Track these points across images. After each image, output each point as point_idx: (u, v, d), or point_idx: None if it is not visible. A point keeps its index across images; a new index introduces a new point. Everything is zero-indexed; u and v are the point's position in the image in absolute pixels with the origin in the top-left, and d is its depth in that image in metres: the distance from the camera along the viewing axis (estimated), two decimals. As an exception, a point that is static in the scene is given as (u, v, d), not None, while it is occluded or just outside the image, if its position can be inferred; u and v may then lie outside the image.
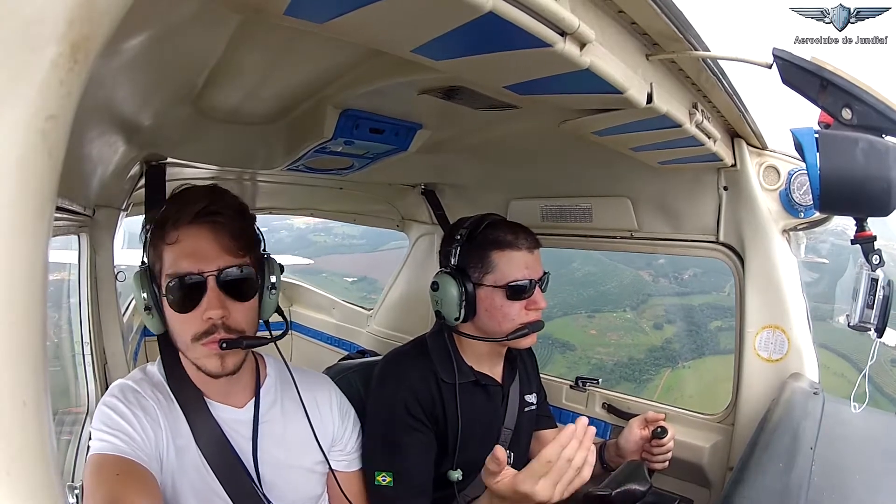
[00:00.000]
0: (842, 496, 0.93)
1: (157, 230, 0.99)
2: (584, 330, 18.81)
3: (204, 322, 0.96)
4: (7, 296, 0.24)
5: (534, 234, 1.40)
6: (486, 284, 1.34)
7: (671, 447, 1.38)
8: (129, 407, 0.98)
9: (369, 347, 2.84)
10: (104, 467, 0.91)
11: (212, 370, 0.99)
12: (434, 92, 1.03)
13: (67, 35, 0.24)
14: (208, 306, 0.96)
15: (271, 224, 3.37)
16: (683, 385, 15.75)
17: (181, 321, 0.98)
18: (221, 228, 0.98)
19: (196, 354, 0.99)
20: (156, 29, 0.63)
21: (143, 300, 0.99)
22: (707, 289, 17.65)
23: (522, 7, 0.56)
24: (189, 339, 0.98)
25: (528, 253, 1.36)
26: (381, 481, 1.25)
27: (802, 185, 1.44)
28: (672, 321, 18.41)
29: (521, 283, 1.33)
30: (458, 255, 1.37)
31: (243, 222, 1.03)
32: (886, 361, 13.34)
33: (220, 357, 0.98)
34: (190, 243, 0.97)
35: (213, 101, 1.04)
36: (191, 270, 0.96)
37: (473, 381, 1.40)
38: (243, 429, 1.08)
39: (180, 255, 0.96)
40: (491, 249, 1.34)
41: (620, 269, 20.27)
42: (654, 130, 1.05)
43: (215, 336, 0.97)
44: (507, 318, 1.34)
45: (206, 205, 0.97)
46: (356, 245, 24.44)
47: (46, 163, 0.25)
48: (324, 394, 1.23)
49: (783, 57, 0.80)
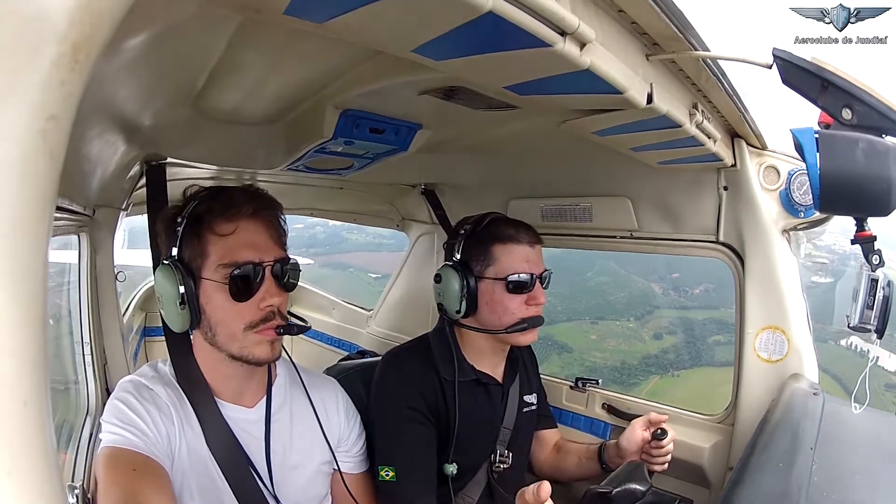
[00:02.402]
0: (842, 496, 0.93)
1: (198, 224, 1.00)
2: (584, 335, 19.16)
3: (261, 310, 1.00)
4: (7, 295, 0.24)
5: (535, 230, 1.42)
6: (487, 277, 1.36)
7: (671, 449, 1.38)
8: (143, 403, 0.99)
9: (369, 348, 2.84)
10: (120, 461, 0.91)
11: (262, 357, 1.01)
12: (434, 92, 1.03)
13: (68, 35, 0.24)
14: (267, 294, 1.00)
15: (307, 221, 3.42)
16: (668, 392, 16.05)
17: (236, 310, 0.99)
18: (273, 224, 1.05)
19: (245, 343, 1.00)
20: (156, 29, 0.63)
21: (179, 294, 0.98)
22: (715, 304, 17.92)
23: (522, 7, 0.56)
24: (241, 329, 0.99)
25: (528, 247, 1.38)
26: (385, 476, 1.26)
27: (802, 185, 1.44)
28: (673, 332, 18.74)
29: (522, 277, 1.35)
30: (462, 249, 1.38)
31: (284, 221, 1.09)
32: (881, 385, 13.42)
33: (271, 343, 1.02)
34: (248, 235, 1.01)
35: (213, 101, 1.04)
36: (252, 259, 0.99)
37: (474, 379, 1.41)
38: (253, 429, 1.09)
39: (237, 245, 0.99)
40: (493, 243, 1.36)
41: (633, 280, 20.59)
42: (654, 130, 1.05)
43: (273, 322, 1.01)
44: (507, 312, 1.35)
45: (260, 201, 1.04)
46: (385, 244, 25.12)
47: (47, 163, 0.25)
48: (330, 395, 1.24)
49: (783, 57, 0.80)
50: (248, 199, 1.03)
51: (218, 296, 0.99)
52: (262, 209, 1.03)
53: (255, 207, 1.02)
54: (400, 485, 1.25)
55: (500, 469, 1.45)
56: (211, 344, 1.03)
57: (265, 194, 1.08)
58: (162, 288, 1.00)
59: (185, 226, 1.01)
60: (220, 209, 1.00)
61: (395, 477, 1.25)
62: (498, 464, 1.45)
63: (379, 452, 1.29)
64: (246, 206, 1.01)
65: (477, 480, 1.45)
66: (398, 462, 1.26)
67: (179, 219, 1.02)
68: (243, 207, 1.01)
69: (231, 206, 1.01)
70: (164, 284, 0.99)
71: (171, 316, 1.01)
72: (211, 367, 1.06)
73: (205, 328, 1.02)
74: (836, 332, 2.82)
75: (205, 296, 1.00)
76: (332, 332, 3.29)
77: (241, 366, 1.04)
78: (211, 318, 1.01)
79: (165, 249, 1.03)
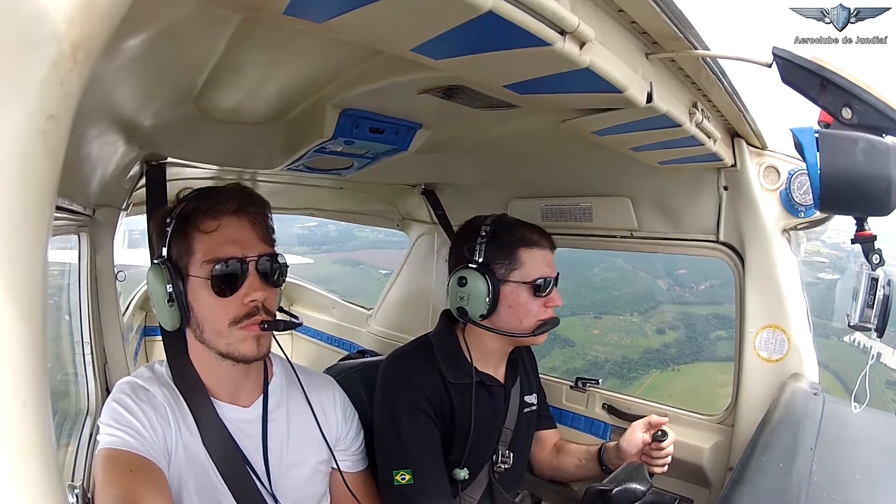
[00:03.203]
0: (842, 496, 0.93)
1: (184, 223, 1.02)
2: (587, 329, 19.28)
3: (245, 305, 1.00)
4: (7, 295, 0.24)
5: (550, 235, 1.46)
6: (512, 281, 1.37)
7: (671, 451, 1.38)
8: (139, 404, 0.99)
9: (369, 347, 2.84)
10: (117, 462, 0.92)
11: (248, 354, 1.01)
12: (434, 91, 1.03)
13: (68, 35, 0.24)
14: (251, 289, 1.01)
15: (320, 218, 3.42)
16: (667, 386, 16.14)
17: (221, 306, 1.00)
18: (258, 220, 1.05)
19: (231, 339, 1.01)
20: (155, 29, 0.63)
21: (167, 292, 1.00)
22: (720, 300, 18.02)
23: (522, 6, 0.56)
24: (226, 325, 1.00)
25: (549, 252, 1.42)
26: (401, 480, 1.25)
27: (803, 185, 1.44)
28: (676, 328, 18.86)
29: (546, 281, 1.38)
30: (485, 252, 1.39)
31: (270, 219, 1.10)
32: (881, 382, 13.50)
33: (257, 340, 1.02)
34: (231, 231, 1.02)
35: (213, 101, 1.04)
36: (234, 255, 1.00)
37: (478, 381, 1.41)
38: (250, 428, 1.09)
39: (221, 242, 1.00)
40: (519, 247, 1.38)
41: (639, 276, 20.71)
42: (654, 130, 1.05)
43: (257, 318, 1.01)
44: (529, 315, 1.38)
45: (244, 199, 1.04)
46: (394, 241, 25.49)
47: (47, 162, 0.25)
48: (328, 394, 1.24)
49: (783, 56, 0.80)
50: (232, 196, 1.04)
51: (203, 292, 1.00)
52: (246, 206, 1.04)
53: (239, 204, 1.03)
54: (418, 487, 1.25)
55: (501, 469, 1.46)
56: (201, 342, 1.04)
57: (251, 192, 1.08)
58: (152, 287, 1.02)
59: (173, 225, 1.03)
60: (205, 207, 1.02)
61: (412, 480, 1.25)
62: (499, 464, 1.45)
63: (391, 456, 1.28)
64: (229, 203, 1.02)
65: (478, 481, 1.45)
66: (414, 465, 1.26)
67: (169, 219, 1.04)
68: (227, 204, 1.02)
69: (215, 204, 1.02)
70: (154, 284, 1.01)
71: (162, 314, 1.02)
72: (205, 367, 1.07)
73: (194, 326, 1.03)
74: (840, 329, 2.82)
75: (192, 293, 1.01)
76: (332, 332, 3.29)
77: (232, 364, 1.04)
78: (198, 315, 1.02)
79: (157, 250, 1.05)
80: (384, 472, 1.28)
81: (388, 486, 1.26)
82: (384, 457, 1.29)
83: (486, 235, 1.40)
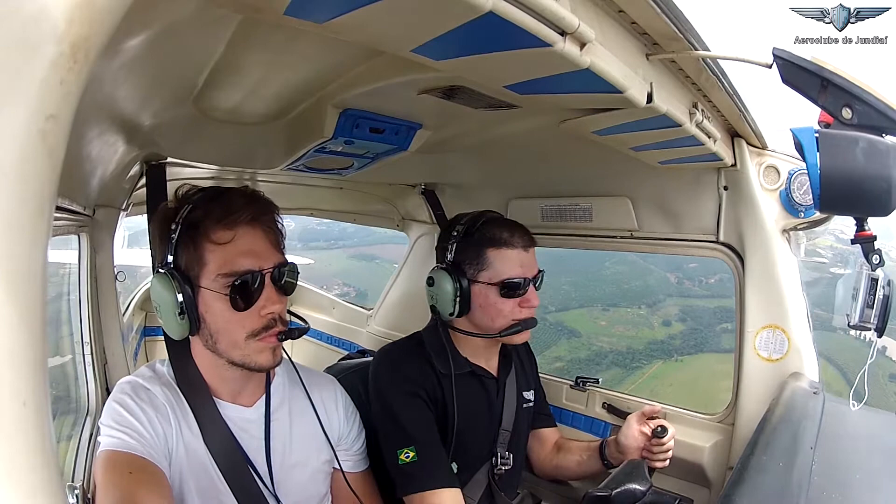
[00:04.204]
0: (842, 496, 0.93)
1: (193, 230, 0.97)
2: (594, 321, 19.43)
3: (262, 318, 0.98)
4: (7, 295, 0.24)
5: (530, 232, 1.41)
6: (480, 281, 1.36)
7: (671, 446, 1.38)
8: (140, 404, 0.98)
9: (369, 347, 2.83)
10: (117, 464, 0.91)
11: (264, 364, 1.00)
12: (434, 92, 1.03)
13: (67, 34, 0.24)
14: (268, 301, 0.98)
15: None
16: (668, 376, 16.20)
17: (237, 319, 0.97)
18: (271, 228, 1.03)
19: (248, 351, 0.99)
20: (156, 29, 0.63)
21: (177, 303, 0.95)
22: (728, 293, 18.08)
23: (522, 7, 0.56)
24: (243, 337, 0.98)
25: (523, 251, 1.37)
26: (405, 458, 1.26)
27: (803, 185, 1.44)
28: (682, 320, 18.97)
29: (515, 281, 1.34)
30: (455, 252, 1.38)
31: (280, 222, 1.07)
32: (884, 376, 13.47)
33: (273, 350, 1.01)
34: (245, 242, 0.98)
35: (213, 101, 1.04)
36: (250, 268, 0.97)
37: (469, 371, 1.41)
38: (252, 428, 1.08)
39: (236, 254, 0.97)
40: (486, 247, 1.35)
41: (650, 269, 20.81)
42: (655, 130, 1.05)
43: (274, 330, 1.00)
44: (500, 315, 1.36)
45: (258, 207, 1.01)
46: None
47: (46, 162, 0.25)
48: (330, 393, 1.24)
49: (783, 56, 0.80)
50: (246, 203, 0.99)
51: (218, 305, 0.97)
52: (260, 214, 1.01)
53: (254, 213, 0.99)
54: (422, 463, 1.26)
55: (502, 472, 1.46)
56: (212, 351, 1.01)
57: (262, 197, 1.05)
58: (159, 297, 0.97)
59: (179, 232, 0.97)
60: (217, 215, 0.97)
61: (416, 456, 1.26)
62: (499, 466, 1.45)
63: (393, 439, 1.29)
64: (244, 213, 0.98)
65: (478, 481, 1.45)
66: (416, 443, 1.26)
67: (174, 225, 0.98)
68: (241, 214, 0.98)
69: (229, 213, 0.97)
70: (162, 293, 0.96)
71: (171, 325, 0.98)
72: (210, 369, 1.05)
73: (205, 335, 1.00)
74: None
75: (204, 304, 0.98)
76: (332, 332, 3.29)
77: (240, 370, 1.03)
78: (211, 327, 0.99)
79: (160, 256, 1.00)
80: (389, 456, 1.28)
81: (395, 469, 1.27)
82: (387, 442, 1.30)
83: (458, 235, 1.39)
